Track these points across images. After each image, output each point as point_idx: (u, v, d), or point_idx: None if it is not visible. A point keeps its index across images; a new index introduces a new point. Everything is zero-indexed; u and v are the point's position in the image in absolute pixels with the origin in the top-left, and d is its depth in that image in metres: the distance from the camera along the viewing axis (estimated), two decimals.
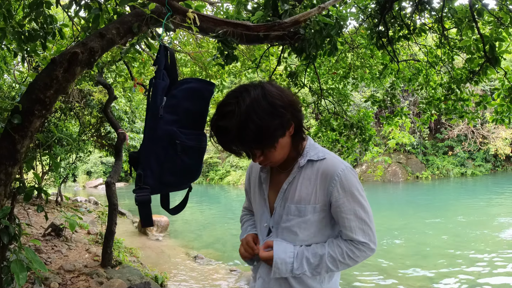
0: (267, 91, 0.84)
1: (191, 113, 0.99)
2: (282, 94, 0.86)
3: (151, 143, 0.96)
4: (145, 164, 0.96)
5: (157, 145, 0.95)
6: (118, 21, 1.85)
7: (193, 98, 0.99)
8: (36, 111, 1.54)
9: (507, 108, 2.99)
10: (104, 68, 4.19)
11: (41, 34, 2.51)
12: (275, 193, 0.98)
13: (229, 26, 1.40)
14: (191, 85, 1.00)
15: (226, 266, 5.11)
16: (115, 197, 3.71)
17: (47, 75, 1.56)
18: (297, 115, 0.89)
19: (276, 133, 0.85)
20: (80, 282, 3.26)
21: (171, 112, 0.97)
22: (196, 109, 1.00)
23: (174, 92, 0.99)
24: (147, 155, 0.96)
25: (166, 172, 0.97)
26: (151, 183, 0.95)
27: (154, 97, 0.99)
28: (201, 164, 1.07)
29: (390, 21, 3.15)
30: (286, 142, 0.90)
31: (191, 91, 0.99)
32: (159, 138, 0.95)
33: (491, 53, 2.53)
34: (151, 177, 0.95)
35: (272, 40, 2.58)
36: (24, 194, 1.79)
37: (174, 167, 0.97)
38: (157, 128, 0.95)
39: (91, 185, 18.56)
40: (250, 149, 0.87)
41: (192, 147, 0.98)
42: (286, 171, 0.97)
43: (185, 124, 0.98)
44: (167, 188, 1.02)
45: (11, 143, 1.52)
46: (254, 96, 0.82)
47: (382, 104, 3.65)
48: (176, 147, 0.95)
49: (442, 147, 16.42)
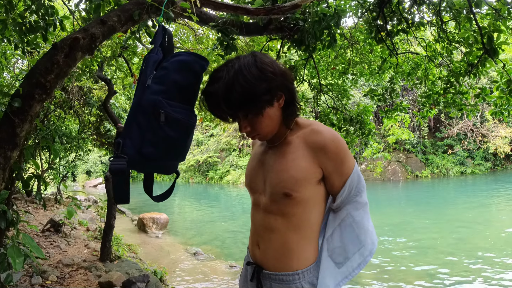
0: (258, 58, 0.84)
1: (180, 86, 0.96)
2: (274, 63, 0.86)
3: (134, 112, 0.93)
4: (126, 134, 0.92)
5: (140, 114, 0.92)
6: (119, 9, 1.86)
7: (182, 71, 0.96)
8: (36, 95, 1.54)
9: (506, 101, 3.00)
10: (104, 63, 4.21)
11: (42, 25, 2.52)
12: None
13: (229, 10, 1.40)
14: (182, 57, 0.98)
15: (226, 262, 5.11)
16: None
17: (48, 60, 1.57)
18: (288, 86, 0.88)
19: (263, 98, 0.83)
20: (78, 275, 3.26)
21: (158, 83, 0.94)
22: (185, 82, 0.96)
23: (164, 64, 0.97)
24: (128, 125, 0.93)
25: (146, 142, 0.92)
26: (130, 152, 0.91)
27: (145, 69, 0.98)
28: (187, 142, 1.00)
29: (389, 15, 3.16)
30: (275, 114, 0.88)
31: (181, 63, 0.97)
32: (142, 108, 0.92)
33: (489, 44, 2.54)
34: (130, 147, 0.91)
35: (272, 31, 2.58)
36: (23, 182, 1.79)
37: (155, 137, 0.92)
38: (142, 98, 0.93)
39: (91, 184, 18.54)
40: (236, 113, 0.86)
41: (178, 120, 0.94)
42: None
43: (173, 96, 0.94)
44: (146, 162, 0.95)
45: (10, 127, 1.52)
46: (244, 62, 0.83)
47: (381, 98, 3.66)
48: (158, 118, 0.91)
49: (441, 146, 16.44)
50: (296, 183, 0.87)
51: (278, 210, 0.90)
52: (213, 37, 4.90)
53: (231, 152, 19.35)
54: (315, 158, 0.87)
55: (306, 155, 0.88)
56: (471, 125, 15.59)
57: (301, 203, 0.88)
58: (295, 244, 0.89)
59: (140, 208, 10.46)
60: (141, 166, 0.97)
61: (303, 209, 0.89)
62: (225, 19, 2.21)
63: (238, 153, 19.06)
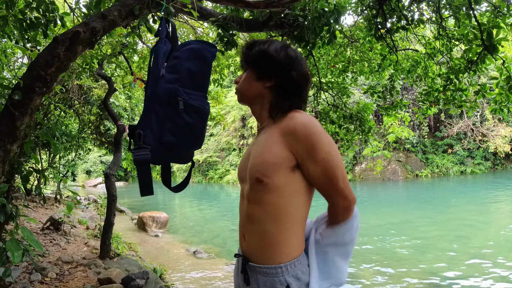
0: (282, 44, 0.95)
1: (193, 73, 0.99)
2: (289, 55, 0.94)
3: (151, 102, 0.95)
4: (145, 124, 0.94)
5: (157, 104, 0.94)
6: (120, 3, 1.87)
7: (194, 58, 0.99)
8: (36, 88, 1.55)
9: (506, 98, 3.01)
10: (104, 61, 4.21)
11: (42, 22, 2.52)
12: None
13: (229, 2, 1.41)
14: (192, 46, 1.01)
15: (226, 260, 5.10)
16: (114, 188, 3.71)
17: (48, 53, 1.57)
18: (285, 78, 0.92)
19: (255, 62, 0.94)
20: (77, 272, 3.25)
21: (172, 72, 0.96)
22: (197, 69, 1.00)
23: (176, 54, 1.00)
24: (147, 115, 0.94)
25: (166, 132, 0.94)
26: (151, 142, 0.93)
27: (155, 60, 0.99)
28: (204, 129, 1.03)
29: (388, 12, 3.17)
30: (255, 85, 0.94)
31: (192, 51, 1.00)
32: (159, 97, 0.94)
33: (488, 41, 2.55)
34: (151, 137, 0.93)
35: (271, 28, 2.59)
36: (22, 176, 1.79)
37: (174, 126, 0.95)
38: (157, 87, 0.95)
39: (91, 184, 18.54)
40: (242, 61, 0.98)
41: (195, 107, 0.97)
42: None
43: (187, 84, 0.97)
44: (167, 151, 0.97)
45: (10, 120, 1.52)
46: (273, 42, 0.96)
47: (381, 96, 3.66)
48: (176, 106, 0.93)
49: (441, 145, 16.44)
50: (267, 167, 0.86)
51: (254, 199, 0.89)
52: (213, 36, 4.91)
53: (231, 151, 19.35)
54: (286, 142, 0.85)
55: (277, 140, 0.87)
56: (471, 124, 15.60)
57: (275, 190, 0.86)
58: (275, 237, 0.87)
59: (140, 207, 10.46)
60: (161, 156, 0.97)
61: (278, 198, 0.86)
62: (225, 15, 2.21)
63: (238, 153, 19.05)
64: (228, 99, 17.21)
